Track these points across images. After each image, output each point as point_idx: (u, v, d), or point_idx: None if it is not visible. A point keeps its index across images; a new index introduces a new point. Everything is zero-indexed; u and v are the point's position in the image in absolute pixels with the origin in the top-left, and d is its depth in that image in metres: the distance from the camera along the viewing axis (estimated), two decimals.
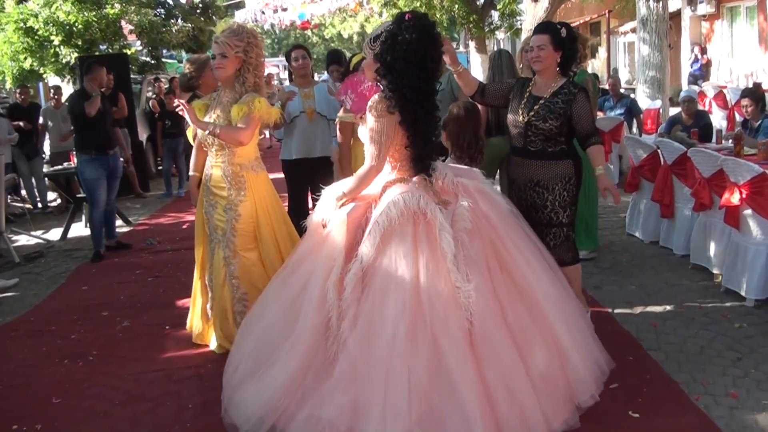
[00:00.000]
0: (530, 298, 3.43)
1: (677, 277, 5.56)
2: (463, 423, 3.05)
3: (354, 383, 3.13)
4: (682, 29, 18.66)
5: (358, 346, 3.16)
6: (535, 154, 4.25)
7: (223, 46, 4.18)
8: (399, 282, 3.20)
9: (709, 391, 3.75)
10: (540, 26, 4.34)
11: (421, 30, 3.34)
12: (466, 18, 17.05)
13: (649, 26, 9.32)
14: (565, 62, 4.24)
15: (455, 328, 3.17)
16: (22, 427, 3.78)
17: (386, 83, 3.38)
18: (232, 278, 4.40)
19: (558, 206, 4.26)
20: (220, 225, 4.40)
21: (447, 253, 3.24)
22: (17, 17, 12.83)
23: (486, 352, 3.19)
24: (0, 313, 5.77)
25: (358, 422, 3.07)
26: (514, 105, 4.35)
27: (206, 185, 4.48)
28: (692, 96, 8.05)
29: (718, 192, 5.21)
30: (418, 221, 3.31)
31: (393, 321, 3.14)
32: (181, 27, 17.56)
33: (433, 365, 3.13)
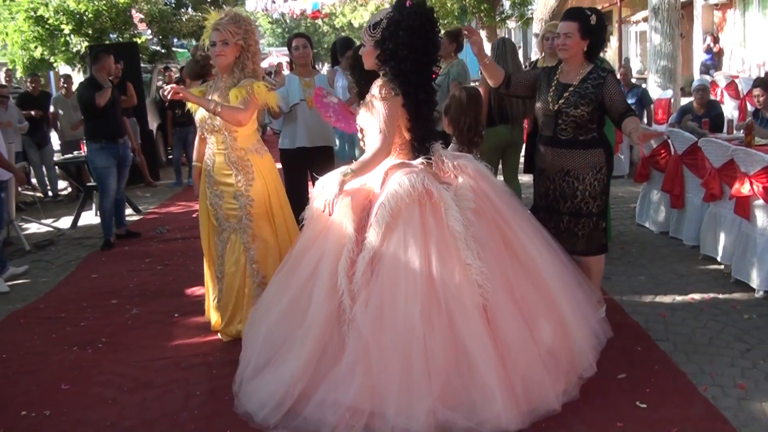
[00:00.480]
0: (534, 274, 3.51)
1: (687, 267, 5.53)
2: (483, 398, 3.14)
3: (369, 366, 3.17)
4: (695, 18, 18.50)
5: (370, 328, 3.20)
6: (566, 142, 4.20)
7: (224, 33, 4.17)
8: (409, 263, 3.24)
9: (717, 382, 3.73)
10: (569, 12, 4.27)
11: (423, 16, 3.44)
12: (477, 7, 16.93)
13: (661, 15, 9.23)
14: (591, 50, 4.19)
15: (470, 305, 3.24)
16: (31, 412, 3.81)
17: (389, 69, 3.44)
18: (253, 263, 4.40)
19: (588, 196, 4.22)
20: (233, 213, 4.37)
21: (456, 232, 3.29)
22: (28, 6, 12.85)
23: (499, 327, 3.27)
24: (10, 300, 5.81)
25: (379, 404, 3.13)
26: (542, 93, 4.31)
27: (209, 175, 4.43)
28: (705, 85, 7.98)
29: (729, 182, 5.17)
30: (423, 202, 3.35)
31: (405, 301, 3.19)
32: (192, 16, 17.55)
33: (449, 342, 3.18)
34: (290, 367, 3.33)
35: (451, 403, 3.15)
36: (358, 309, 3.24)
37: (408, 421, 3.09)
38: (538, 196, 4.47)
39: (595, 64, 4.23)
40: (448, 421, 3.12)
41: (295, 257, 3.63)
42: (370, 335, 3.20)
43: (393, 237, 3.30)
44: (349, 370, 3.20)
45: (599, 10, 4.28)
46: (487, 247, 3.38)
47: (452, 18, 18.99)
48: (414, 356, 3.14)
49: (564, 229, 4.29)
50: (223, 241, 4.47)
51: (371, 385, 3.15)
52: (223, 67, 4.31)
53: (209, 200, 4.46)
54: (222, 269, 4.49)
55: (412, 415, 3.09)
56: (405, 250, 3.27)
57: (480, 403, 3.14)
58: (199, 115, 4.41)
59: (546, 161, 4.33)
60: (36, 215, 9.01)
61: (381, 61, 3.47)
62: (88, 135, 7.36)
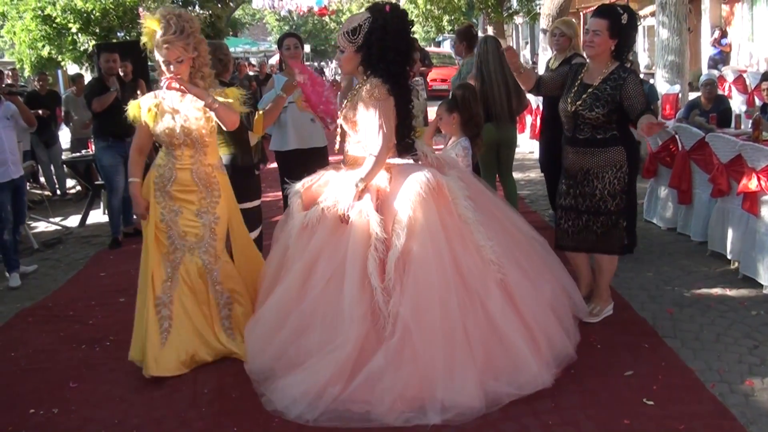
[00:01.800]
0: (528, 244, 3.95)
1: (694, 264, 5.51)
2: (519, 364, 3.49)
3: (415, 353, 3.37)
4: (702, 12, 18.42)
5: (411, 318, 3.39)
6: (584, 141, 4.22)
7: (177, 50, 3.90)
8: (437, 254, 3.48)
9: (724, 378, 3.72)
10: (601, 9, 4.22)
11: (403, 19, 3.65)
12: (484, 3, 16.97)
13: (669, 10, 9.18)
14: (619, 50, 4.17)
15: (491, 282, 3.55)
16: (39, 410, 3.83)
17: (381, 72, 3.57)
18: (216, 284, 4.17)
19: (607, 194, 4.23)
20: (192, 231, 4.11)
21: (468, 217, 3.60)
22: (35, 5, 12.92)
23: (518, 297, 3.62)
24: (19, 299, 5.84)
25: (428, 387, 3.36)
26: (565, 93, 4.33)
27: (163, 191, 4.09)
28: (713, 80, 7.94)
29: (736, 178, 5.15)
30: (435, 196, 3.57)
31: (440, 290, 3.44)
32: (199, 14, 17.60)
33: (482, 319, 3.49)
34: (328, 368, 3.42)
35: (494, 374, 3.46)
36: (396, 302, 3.42)
37: (457, 397, 3.34)
38: (559, 194, 4.51)
39: (620, 62, 4.20)
40: (494, 390, 3.42)
41: (305, 261, 3.68)
42: (413, 325, 3.38)
43: (417, 233, 3.49)
44: (395, 359, 3.38)
45: (632, 9, 4.28)
46: (489, 228, 3.69)
47: (459, 14, 19.01)
48: (455, 337, 3.41)
49: (583, 227, 4.35)
50: (174, 262, 4.12)
51: (418, 370, 3.36)
52: (176, 83, 3.97)
53: (161, 217, 4.10)
54: (171, 293, 4.09)
55: (461, 390, 3.35)
56: (430, 242, 3.49)
57: (518, 369, 3.48)
58: (163, 127, 4.05)
59: (567, 160, 4.37)
60: (44, 214, 9.04)
61: (367, 65, 3.61)
62: (96, 133, 7.39)
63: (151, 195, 4.11)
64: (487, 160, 5.92)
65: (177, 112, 4.05)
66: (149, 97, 4.13)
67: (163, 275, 4.09)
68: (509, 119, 6.02)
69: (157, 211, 4.10)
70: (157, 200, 4.10)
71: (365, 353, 3.43)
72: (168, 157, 4.11)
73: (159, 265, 4.10)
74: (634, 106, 4.07)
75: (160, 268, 4.10)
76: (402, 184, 3.58)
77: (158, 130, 4.06)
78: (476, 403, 3.35)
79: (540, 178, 9.27)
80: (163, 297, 4.07)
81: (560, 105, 4.36)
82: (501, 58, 5.89)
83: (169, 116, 4.04)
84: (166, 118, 4.04)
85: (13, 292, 6.04)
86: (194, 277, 4.12)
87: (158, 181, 4.11)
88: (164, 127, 4.03)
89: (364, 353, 3.43)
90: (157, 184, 4.11)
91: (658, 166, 6.61)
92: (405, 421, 3.32)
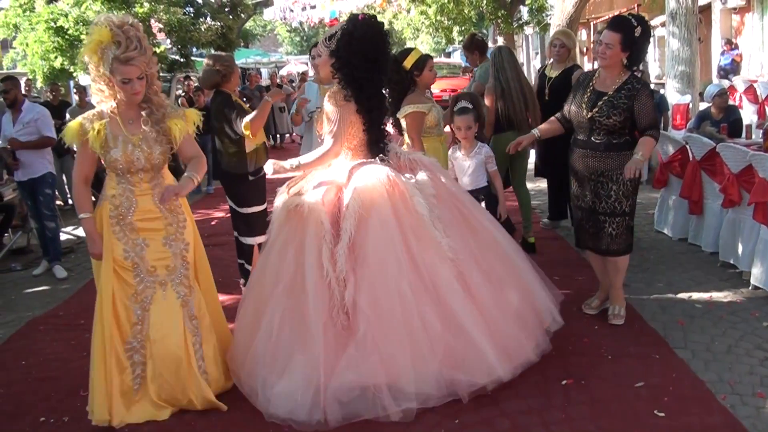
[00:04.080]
0: (495, 247, 4.01)
1: (706, 274, 5.48)
2: (477, 355, 3.60)
3: (375, 343, 3.49)
4: (713, 22, 18.36)
5: (369, 308, 3.52)
6: (600, 145, 4.36)
7: (140, 66, 3.51)
8: (390, 245, 3.61)
9: (735, 390, 3.70)
10: (614, 22, 4.31)
11: (374, 29, 3.79)
12: (494, 13, 16.97)
13: (679, 20, 9.18)
14: (632, 60, 4.29)
15: (449, 277, 3.66)
16: (50, 418, 3.85)
17: (342, 76, 3.75)
18: (192, 319, 3.75)
19: (622, 195, 4.36)
20: (162, 263, 3.68)
21: (423, 214, 3.69)
22: (48, 17, 13.03)
23: (475, 293, 3.73)
24: (30, 307, 5.87)
25: (392, 375, 3.47)
26: (577, 98, 4.46)
27: (123, 223, 3.64)
28: (724, 89, 7.92)
29: (747, 188, 5.13)
30: (391, 191, 3.69)
31: (395, 279, 3.56)
32: (210, 25, 17.71)
33: (440, 310, 3.60)
34: (309, 367, 3.50)
35: (453, 364, 3.57)
36: (353, 292, 3.54)
37: (420, 385, 3.49)
38: (574, 197, 4.62)
39: (632, 72, 4.31)
40: (454, 379, 3.57)
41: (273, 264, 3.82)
42: (372, 315, 3.51)
43: (369, 225, 3.62)
44: (360, 351, 3.49)
45: (645, 19, 4.34)
46: (452, 226, 3.82)
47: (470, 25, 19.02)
48: (414, 327, 3.52)
49: (600, 229, 4.45)
50: (144, 302, 3.65)
51: (383, 360, 3.47)
52: (135, 104, 3.65)
53: (123, 255, 3.62)
54: (142, 336, 3.65)
55: (423, 379, 3.50)
56: (383, 234, 3.62)
57: (476, 361, 3.59)
58: (119, 154, 3.59)
59: (581, 164, 4.47)
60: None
61: (335, 69, 3.77)
62: None
63: (106, 231, 3.64)
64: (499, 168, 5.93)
65: (132, 139, 3.62)
66: (91, 116, 3.61)
67: (132, 317, 3.64)
68: (527, 128, 6.03)
69: (118, 248, 3.61)
70: (116, 236, 3.62)
71: (337, 343, 3.54)
72: (123, 184, 3.66)
73: (125, 308, 3.63)
74: (641, 121, 4.27)
75: (128, 311, 3.63)
76: (357, 179, 3.74)
77: (112, 158, 3.59)
78: (437, 392, 3.54)
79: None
80: (133, 342, 3.65)
81: (571, 109, 4.49)
82: (516, 67, 5.93)
83: (125, 142, 3.60)
84: (121, 144, 3.60)
85: (24, 301, 6.08)
86: (172, 311, 3.68)
87: (114, 213, 3.64)
88: (120, 155, 3.59)
89: (336, 343, 3.54)
90: (113, 218, 3.64)
91: (669, 176, 6.59)
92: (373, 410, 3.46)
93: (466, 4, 17.26)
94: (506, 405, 3.65)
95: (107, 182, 3.71)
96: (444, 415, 3.56)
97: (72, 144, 3.64)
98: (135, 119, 3.65)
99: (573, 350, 4.24)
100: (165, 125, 3.67)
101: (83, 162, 3.67)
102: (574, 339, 4.34)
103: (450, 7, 17.35)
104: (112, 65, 3.45)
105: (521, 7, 18.71)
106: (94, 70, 3.53)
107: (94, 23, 3.54)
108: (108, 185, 3.70)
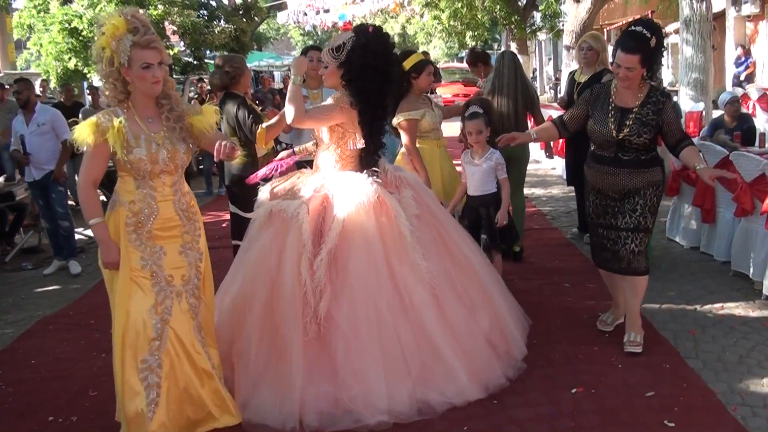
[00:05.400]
0: (471, 272, 4.07)
1: (718, 284, 5.44)
2: (449, 375, 3.67)
3: (348, 357, 3.53)
4: (727, 30, 18.28)
5: (344, 321, 3.56)
6: (628, 162, 4.14)
7: (162, 51, 3.32)
8: (371, 263, 3.65)
9: (746, 401, 3.66)
10: (630, 43, 3.97)
11: (384, 40, 3.86)
12: (507, 19, 16.97)
13: (693, 27, 9.13)
14: (650, 72, 4.11)
15: (425, 298, 3.73)
16: (59, 418, 3.86)
17: (354, 87, 3.78)
18: (200, 331, 3.52)
19: (648, 211, 4.18)
20: (178, 272, 3.43)
21: (406, 236, 3.73)
22: (62, 18, 13.12)
23: (449, 316, 3.79)
24: (40, 307, 5.90)
25: (364, 390, 3.48)
26: (598, 116, 4.20)
27: (140, 231, 3.34)
28: (737, 97, 7.88)
29: (760, 197, 5.09)
30: (377, 208, 3.73)
31: (374, 296, 3.60)
32: (224, 28, 17.80)
33: (416, 329, 3.66)
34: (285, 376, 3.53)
35: (426, 383, 3.62)
36: (330, 305, 3.56)
37: (392, 402, 3.50)
38: (594, 214, 4.36)
39: (650, 84, 4.15)
40: (426, 398, 3.59)
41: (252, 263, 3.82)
42: (348, 329, 3.55)
43: (353, 239, 3.65)
44: (335, 362, 3.53)
45: (656, 25, 4.09)
46: (431, 248, 3.89)
47: (483, 30, 19.03)
48: (390, 344, 3.58)
49: (621, 246, 4.20)
50: (164, 314, 3.33)
51: (355, 373, 3.51)
52: (154, 97, 3.40)
53: (141, 263, 3.33)
54: (159, 354, 3.30)
55: (394, 396, 3.51)
56: (367, 250, 3.65)
57: (448, 380, 3.66)
58: (141, 154, 3.30)
59: (603, 180, 4.23)
60: None
61: (346, 80, 3.80)
62: None
63: (122, 240, 3.33)
64: None
65: (156, 137, 3.36)
66: (107, 114, 3.29)
67: (151, 332, 3.29)
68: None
69: (135, 257, 3.32)
70: (133, 245, 3.33)
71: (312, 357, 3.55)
72: (143, 189, 3.35)
73: (143, 322, 3.28)
74: (672, 133, 4.10)
75: (146, 325, 3.28)
76: (346, 191, 3.76)
77: (136, 158, 3.28)
78: (408, 410, 3.53)
79: (563, 194, 9.27)
80: (150, 360, 3.28)
81: (596, 127, 4.19)
82: (517, 72, 5.90)
83: (148, 141, 3.33)
84: (144, 143, 3.32)
85: (34, 300, 6.11)
86: (187, 324, 3.44)
87: (132, 221, 3.33)
88: (146, 154, 3.30)
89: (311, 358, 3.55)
90: (130, 225, 3.33)
91: (681, 183, 6.56)
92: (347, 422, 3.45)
93: (480, 9, 17.26)
94: (515, 412, 3.64)
95: (122, 187, 3.40)
96: (452, 422, 3.55)
97: (85, 144, 3.25)
98: (155, 117, 3.40)
99: (583, 358, 4.22)
100: (186, 122, 3.46)
101: (96, 163, 3.33)
102: (584, 347, 4.32)
103: (463, 12, 17.36)
104: (130, 53, 3.19)
105: (534, 13, 18.69)
106: (107, 67, 3.24)
107: (104, 19, 3.28)
108: (123, 190, 3.38)
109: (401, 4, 19.36)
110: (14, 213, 7.90)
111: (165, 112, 3.41)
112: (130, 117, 3.33)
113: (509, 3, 17.05)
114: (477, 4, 17.19)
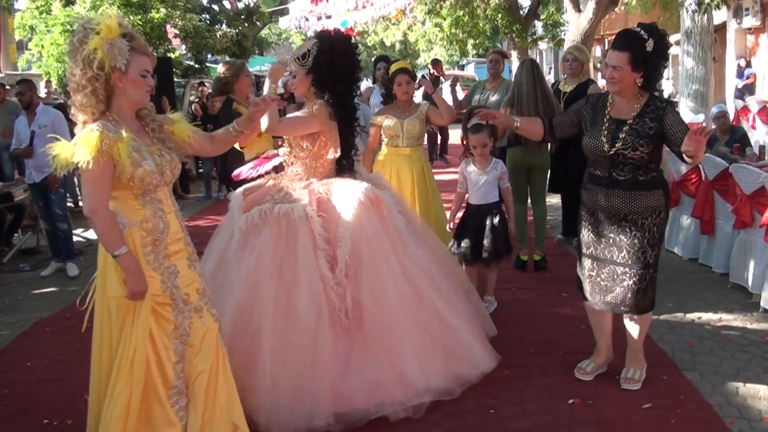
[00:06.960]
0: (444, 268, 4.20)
1: (716, 296, 5.44)
2: (468, 350, 3.92)
3: (381, 339, 3.62)
4: (727, 42, 18.32)
5: (373, 304, 3.64)
6: (624, 183, 3.68)
7: (153, 58, 3.09)
8: (382, 254, 3.76)
9: (743, 414, 3.66)
10: (621, 41, 3.62)
11: (347, 41, 3.98)
12: (509, 27, 16.96)
13: (693, 39, 9.18)
14: (648, 80, 3.65)
15: (431, 285, 3.90)
16: (53, 421, 3.85)
17: (329, 93, 3.83)
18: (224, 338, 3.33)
19: (647, 244, 3.70)
20: (192, 287, 3.18)
21: (401, 230, 3.91)
22: (64, 20, 13.10)
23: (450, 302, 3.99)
24: (37, 308, 5.88)
25: (403, 371, 3.59)
26: (590, 129, 3.80)
27: (156, 250, 3.04)
28: (724, 111, 7.88)
29: (760, 209, 5.09)
30: (375, 204, 3.83)
31: (391, 284, 3.71)
32: (225, 32, 17.81)
33: (431, 312, 3.83)
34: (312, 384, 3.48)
35: (452, 357, 3.83)
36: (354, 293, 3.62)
37: (428, 379, 3.64)
38: (585, 243, 3.94)
39: (651, 93, 3.70)
40: (458, 371, 3.81)
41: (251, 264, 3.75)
42: (376, 311, 3.63)
43: (361, 234, 3.71)
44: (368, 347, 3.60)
45: (658, 29, 3.60)
46: (417, 240, 4.04)
47: (484, 38, 19.04)
48: (414, 324, 3.72)
49: (616, 282, 3.80)
50: (183, 335, 3.10)
51: (389, 356, 3.60)
52: (138, 108, 3.11)
53: (162, 287, 3.04)
54: (183, 375, 3.10)
55: (432, 373, 3.67)
56: (377, 243, 3.75)
57: (468, 354, 3.90)
58: (150, 167, 2.98)
59: (597, 202, 3.80)
60: None
61: (317, 84, 3.87)
62: None
63: (141, 263, 3.00)
64: (517, 185, 5.89)
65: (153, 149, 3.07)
66: (107, 127, 2.89)
67: (173, 357, 3.07)
68: (537, 143, 5.96)
69: (156, 282, 3.02)
70: (151, 266, 3.02)
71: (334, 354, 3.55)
72: (151, 204, 3.05)
73: (165, 348, 3.05)
74: (677, 136, 3.55)
75: (168, 351, 3.05)
76: (343, 193, 3.81)
77: (146, 171, 2.96)
78: (448, 384, 3.73)
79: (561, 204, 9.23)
80: (178, 384, 3.07)
81: (587, 141, 3.80)
82: (535, 79, 5.89)
83: (150, 153, 3.03)
84: (149, 156, 3.01)
85: (31, 302, 6.09)
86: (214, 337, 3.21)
87: (149, 240, 3.02)
88: (155, 167, 3.01)
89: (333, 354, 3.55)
90: (147, 245, 3.02)
91: (681, 194, 6.56)
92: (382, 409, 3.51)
93: (481, 18, 17.28)
94: (512, 422, 3.63)
95: (123, 207, 3.00)
96: (449, 431, 3.54)
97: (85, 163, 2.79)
98: (140, 129, 3.09)
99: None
100: (166, 131, 3.20)
101: (107, 183, 2.91)
102: (581, 357, 4.30)
103: (465, 21, 17.37)
104: (128, 58, 2.90)
105: (536, 22, 18.72)
106: (92, 71, 2.86)
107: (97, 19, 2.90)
108: (128, 210, 3.01)
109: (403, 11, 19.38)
110: (13, 214, 7.89)
111: (149, 123, 3.14)
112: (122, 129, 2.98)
113: (511, 12, 17.05)
114: (479, 13, 17.21)
